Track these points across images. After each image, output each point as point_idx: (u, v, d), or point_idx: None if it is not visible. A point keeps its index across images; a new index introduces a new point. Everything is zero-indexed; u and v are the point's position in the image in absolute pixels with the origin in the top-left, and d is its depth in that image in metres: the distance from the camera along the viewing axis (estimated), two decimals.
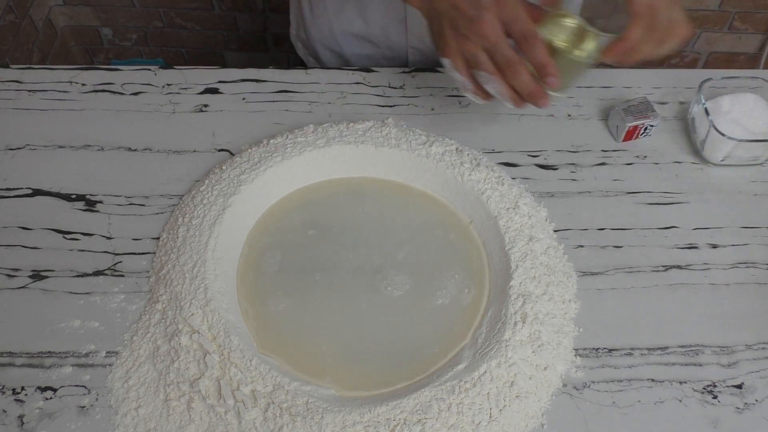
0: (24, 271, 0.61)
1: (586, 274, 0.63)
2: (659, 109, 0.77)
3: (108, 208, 0.67)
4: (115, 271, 0.62)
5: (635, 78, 0.81)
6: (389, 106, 0.77)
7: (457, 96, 0.78)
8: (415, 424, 0.50)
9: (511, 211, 0.63)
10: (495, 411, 0.51)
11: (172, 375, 0.53)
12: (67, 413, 0.53)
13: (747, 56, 1.84)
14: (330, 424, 0.50)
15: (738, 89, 0.74)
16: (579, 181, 0.70)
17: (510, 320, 0.56)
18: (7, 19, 1.49)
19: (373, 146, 0.68)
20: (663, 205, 0.69)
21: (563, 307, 0.59)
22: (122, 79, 0.78)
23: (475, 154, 0.69)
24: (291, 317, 0.59)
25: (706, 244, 0.66)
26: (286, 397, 0.51)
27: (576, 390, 0.56)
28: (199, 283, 0.57)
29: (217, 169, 0.67)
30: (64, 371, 0.55)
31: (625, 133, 0.73)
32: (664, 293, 0.62)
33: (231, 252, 0.62)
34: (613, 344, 0.59)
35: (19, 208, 0.66)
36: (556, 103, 0.75)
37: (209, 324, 0.55)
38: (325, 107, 0.77)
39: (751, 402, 0.55)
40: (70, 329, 0.58)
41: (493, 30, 0.56)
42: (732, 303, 0.62)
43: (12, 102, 0.76)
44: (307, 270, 0.62)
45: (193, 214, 0.62)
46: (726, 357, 0.58)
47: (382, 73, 0.80)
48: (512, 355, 0.54)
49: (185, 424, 0.51)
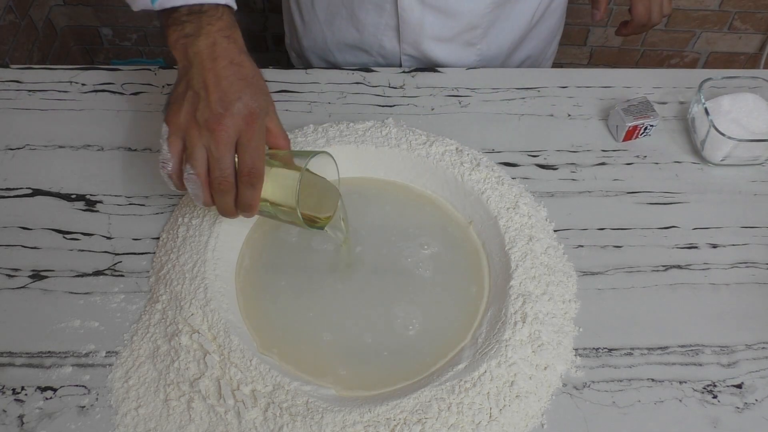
0: (24, 271, 0.61)
1: (586, 274, 0.63)
2: (659, 109, 0.77)
3: (108, 208, 0.67)
4: (115, 271, 0.62)
5: (635, 78, 0.81)
6: (389, 106, 0.77)
7: (457, 96, 0.78)
8: (415, 424, 0.50)
9: (511, 211, 0.63)
10: (495, 411, 0.52)
11: (172, 375, 0.53)
12: (67, 413, 0.53)
13: (747, 56, 1.84)
14: (330, 424, 0.50)
15: (738, 89, 0.74)
16: (579, 181, 0.70)
17: (510, 320, 0.56)
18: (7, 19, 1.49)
19: (373, 146, 0.68)
20: (663, 205, 0.69)
21: (563, 307, 0.59)
22: (122, 79, 0.78)
23: (475, 154, 0.69)
24: (290, 317, 0.59)
25: (706, 244, 0.66)
26: (286, 397, 0.51)
27: (576, 390, 0.56)
28: (199, 283, 0.57)
29: None
30: (64, 371, 0.55)
31: (625, 133, 0.73)
32: (664, 293, 0.62)
33: (231, 252, 0.62)
34: (613, 344, 0.59)
35: (19, 208, 0.66)
36: None
37: (209, 324, 0.55)
38: (325, 107, 0.77)
39: (751, 402, 0.55)
40: (70, 329, 0.58)
41: (227, 141, 0.52)
42: (732, 303, 0.62)
43: (12, 102, 0.76)
44: (307, 270, 0.62)
45: (193, 214, 0.62)
46: (726, 357, 0.58)
47: (382, 73, 0.80)
48: (512, 354, 0.54)
49: (185, 424, 0.51)
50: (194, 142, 0.52)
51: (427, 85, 0.79)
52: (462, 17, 0.81)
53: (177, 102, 0.54)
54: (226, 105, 0.52)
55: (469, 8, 0.80)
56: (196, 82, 0.53)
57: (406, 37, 0.83)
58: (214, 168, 0.52)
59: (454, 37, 0.83)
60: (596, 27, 1.78)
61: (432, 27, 0.82)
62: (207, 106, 0.52)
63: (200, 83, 0.53)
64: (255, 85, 0.54)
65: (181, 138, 0.53)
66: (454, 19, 0.81)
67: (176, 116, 0.53)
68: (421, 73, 0.81)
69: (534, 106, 0.77)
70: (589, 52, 1.87)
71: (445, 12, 0.80)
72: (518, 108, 0.77)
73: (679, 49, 1.82)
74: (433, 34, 0.82)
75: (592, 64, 1.89)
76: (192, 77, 0.53)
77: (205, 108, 0.52)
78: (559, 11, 0.93)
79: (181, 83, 0.54)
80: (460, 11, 0.80)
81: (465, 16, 0.81)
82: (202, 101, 0.52)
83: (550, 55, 0.99)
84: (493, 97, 0.78)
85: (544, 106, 0.78)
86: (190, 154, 0.53)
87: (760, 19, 1.73)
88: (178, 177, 0.55)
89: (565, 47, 1.84)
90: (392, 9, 0.81)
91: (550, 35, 0.94)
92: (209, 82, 0.52)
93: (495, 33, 0.85)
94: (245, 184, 0.53)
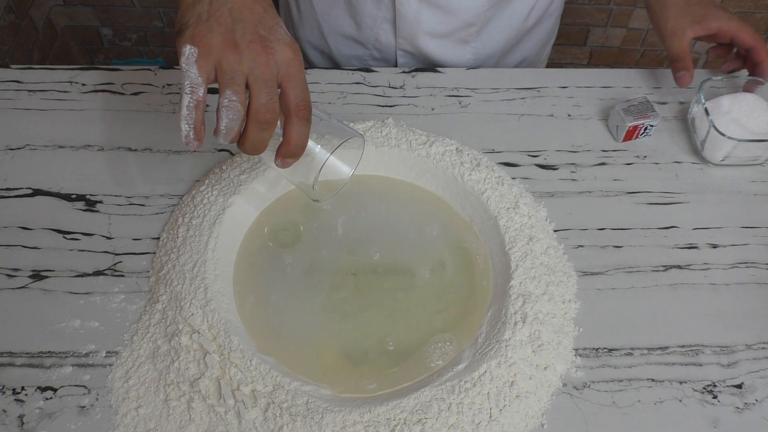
0: (24, 271, 0.61)
1: (586, 274, 0.63)
2: (659, 109, 0.77)
3: (108, 208, 0.67)
4: (115, 271, 0.62)
5: (635, 78, 0.81)
6: (389, 106, 0.77)
7: (457, 96, 0.78)
8: (415, 424, 0.50)
9: (511, 211, 0.63)
10: (495, 411, 0.52)
11: (172, 375, 0.53)
12: (67, 413, 0.53)
13: None
14: (330, 424, 0.50)
15: (738, 89, 0.74)
16: (579, 181, 0.70)
17: (510, 320, 0.56)
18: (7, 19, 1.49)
19: (373, 146, 0.68)
20: (663, 205, 0.69)
21: (563, 307, 0.59)
22: (122, 79, 0.78)
23: (475, 154, 0.69)
24: (290, 317, 0.59)
25: (706, 244, 0.66)
26: (286, 397, 0.51)
27: (576, 390, 0.56)
28: (199, 283, 0.57)
29: (217, 169, 0.67)
30: (64, 371, 0.55)
31: (625, 133, 0.73)
32: (664, 293, 0.62)
33: (231, 252, 0.62)
34: (613, 344, 0.59)
35: (19, 208, 0.66)
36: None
37: (209, 324, 0.55)
38: (325, 107, 0.77)
39: (751, 402, 0.55)
40: (70, 329, 0.58)
41: (274, 66, 0.45)
42: (732, 303, 0.62)
43: (12, 102, 0.76)
44: (307, 270, 0.62)
45: (193, 214, 0.62)
46: (726, 357, 0.58)
47: (382, 73, 0.80)
48: (512, 354, 0.54)
49: (185, 424, 0.51)
50: (233, 66, 0.45)
51: (427, 85, 0.79)
52: (459, 14, 0.81)
53: (202, 22, 0.45)
54: (269, 29, 0.46)
55: (466, 5, 0.80)
56: (224, 3, 0.46)
57: (401, 31, 0.83)
58: (259, 94, 0.45)
59: (449, 34, 0.84)
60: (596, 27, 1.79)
61: (428, 22, 0.82)
62: (246, 27, 0.45)
63: (231, 4, 0.46)
64: (282, 23, 0.49)
65: (213, 62, 0.45)
66: (451, 16, 0.81)
67: (207, 36, 0.45)
68: (421, 74, 0.81)
69: (534, 106, 0.77)
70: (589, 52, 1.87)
71: (441, 8, 0.80)
72: (518, 108, 0.77)
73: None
74: (429, 30, 0.82)
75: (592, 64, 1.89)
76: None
77: (244, 30, 0.45)
78: (555, 15, 0.93)
79: (200, 3, 0.46)
80: (457, 8, 0.80)
81: (461, 13, 0.81)
82: (238, 23, 0.45)
83: (544, 57, 1.00)
84: (493, 97, 0.78)
85: (544, 106, 0.78)
86: (231, 79, 0.45)
87: (760, 19, 1.73)
88: (204, 106, 0.46)
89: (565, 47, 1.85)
90: (390, 1, 0.81)
91: (545, 37, 0.94)
92: (242, 4, 0.46)
93: (489, 31, 0.85)
94: (301, 119, 0.47)
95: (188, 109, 0.45)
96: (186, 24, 0.46)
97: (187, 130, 0.46)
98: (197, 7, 0.46)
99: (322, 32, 0.89)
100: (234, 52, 0.45)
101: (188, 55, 0.45)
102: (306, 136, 0.48)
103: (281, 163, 0.50)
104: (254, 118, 0.46)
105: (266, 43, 0.45)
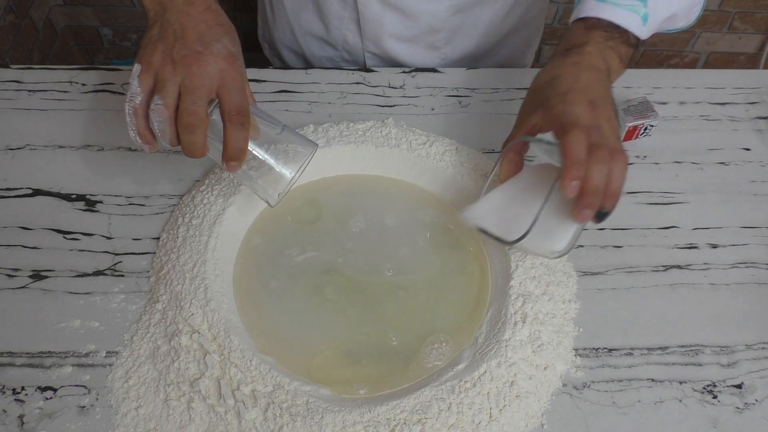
0: (24, 271, 0.61)
1: (586, 274, 0.63)
2: (659, 109, 0.77)
3: (108, 208, 0.67)
4: (115, 271, 0.62)
5: (635, 78, 0.81)
6: (389, 106, 0.77)
7: (457, 96, 0.78)
8: (415, 424, 0.50)
9: None
10: (495, 411, 0.51)
11: (172, 375, 0.53)
12: (67, 413, 0.53)
13: (747, 56, 1.84)
14: (330, 424, 0.50)
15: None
16: None
17: (510, 320, 0.56)
18: (7, 19, 1.49)
19: (373, 146, 0.68)
20: (663, 205, 0.69)
21: (563, 307, 0.59)
22: (122, 79, 0.78)
23: (475, 154, 0.69)
24: (290, 317, 0.59)
25: (706, 244, 0.66)
26: (286, 397, 0.51)
27: (576, 390, 0.56)
28: (199, 283, 0.57)
29: (217, 169, 0.67)
30: (64, 371, 0.55)
31: (625, 133, 0.73)
32: (664, 293, 0.62)
33: (231, 252, 0.62)
34: (613, 344, 0.59)
35: (19, 208, 0.66)
36: None
37: (209, 324, 0.55)
38: (325, 107, 0.77)
39: (751, 402, 0.55)
40: (70, 329, 0.58)
41: (204, 76, 0.50)
42: (732, 303, 0.62)
43: (12, 102, 0.76)
44: (307, 270, 0.62)
45: (193, 214, 0.62)
46: (726, 357, 0.58)
47: (382, 73, 0.80)
48: (512, 355, 0.54)
49: (185, 424, 0.51)
50: (167, 77, 0.50)
51: (427, 85, 0.79)
52: (421, 18, 0.81)
53: (151, 43, 0.51)
54: (206, 45, 0.50)
55: (427, 10, 0.80)
56: (171, 24, 0.51)
57: (366, 32, 0.83)
58: (184, 100, 0.50)
59: (415, 38, 0.84)
60: None
61: (392, 25, 0.82)
62: (184, 45, 0.50)
63: (177, 24, 0.51)
64: (232, 34, 0.53)
65: (153, 75, 0.51)
66: (414, 20, 0.81)
67: (150, 55, 0.51)
68: (421, 74, 0.81)
69: None
70: None
71: (403, 11, 0.80)
72: (518, 108, 0.77)
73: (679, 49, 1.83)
74: (393, 33, 0.83)
75: None
76: (167, 20, 0.52)
77: (182, 46, 0.50)
78: (534, 23, 0.92)
79: (154, 27, 0.52)
80: (419, 12, 0.81)
81: (424, 17, 0.81)
82: (179, 40, 0.50)
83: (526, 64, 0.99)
84: (493, 97, 0.78)
85: None
86: (162, 86, 0.50)
87: (760, 19, 1.73)
88: (144, 113, 0.51)
89: None
90: (353, 2, 0.81)
91: (523, 45, 0.94)
92: (186, 24, 0.51)
93: (461, 39, 0.85)
94: (235, 125, 0.50)
95: (129, 116, 0.52)
96: (140, 45, 0.53)
97: (133, 135, 0.53)
98: (152, 30, 0.53)
99: (294, 33, 0.89)
100: (170, 66, 0.50)
101: (134, 71, 0.51)
102: (243, 140, 0.51)
103: (227, 167, 0.53)
104: (179, 121, 0.50)
105: (199, 57, 0.50)
